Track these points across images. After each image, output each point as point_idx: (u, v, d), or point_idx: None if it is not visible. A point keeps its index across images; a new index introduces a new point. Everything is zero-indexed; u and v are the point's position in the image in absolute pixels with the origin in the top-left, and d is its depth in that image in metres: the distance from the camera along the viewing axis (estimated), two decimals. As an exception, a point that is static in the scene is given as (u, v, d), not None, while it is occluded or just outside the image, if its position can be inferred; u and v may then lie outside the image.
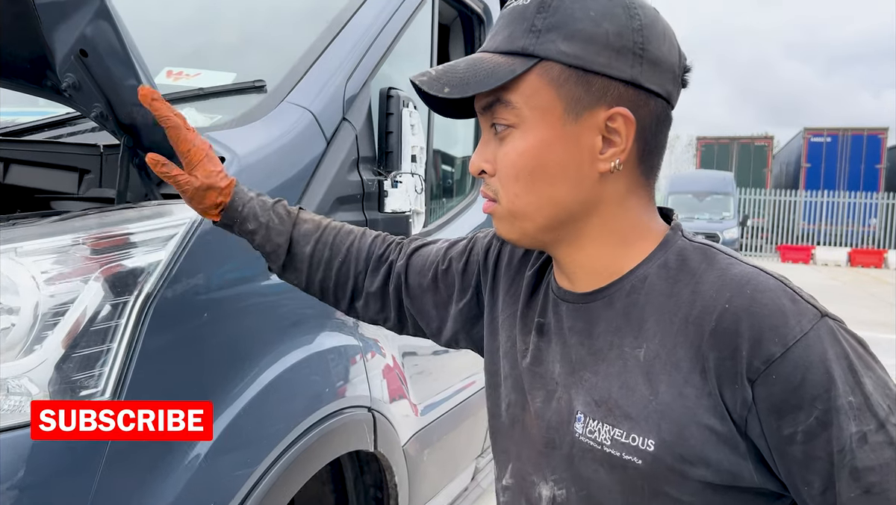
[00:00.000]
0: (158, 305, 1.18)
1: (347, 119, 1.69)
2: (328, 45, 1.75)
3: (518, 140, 0.86)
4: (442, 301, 1.15)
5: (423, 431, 2.07)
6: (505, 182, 0.88)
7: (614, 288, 0.90)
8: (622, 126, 0.85)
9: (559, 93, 0.85)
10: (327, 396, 1.53)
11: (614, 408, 0.85)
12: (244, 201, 1.19)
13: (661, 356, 0.83)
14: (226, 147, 1.39)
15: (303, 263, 1.21)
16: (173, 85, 1.69)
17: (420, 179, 1.84)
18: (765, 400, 0.77)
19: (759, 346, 0.77)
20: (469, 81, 0.85)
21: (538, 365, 0.97)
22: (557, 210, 0.88)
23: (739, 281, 0.81)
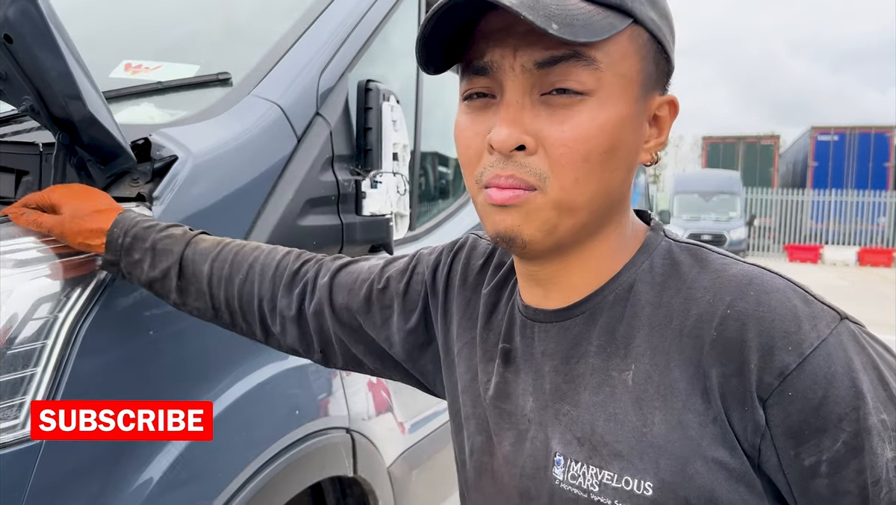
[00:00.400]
0: (93, 324, 1.04)
1: (321, 114, 1.54)
2: (302, 35, 1.61)
3: (596, 110, 0.69)
4: (376, 326, 0.99)
5: (411, 450, 1.93)
6: (567, 163, 0.69)
7: (594, 300, 0.76)
8: (668, 116, 0.77)
9: (642, 64, 0.72)
10: (297, 418, 1.39)
11: (600, 445, 0.71)
12: (127, 227, 1.06)
13: (653, 378, 0.70)
14: (179, 145, 1.25)
15: (201, 284, 1.05)
16: (131, 79, 1.55)
17: (403, 179, 1.69)
18: (781, 423, 0.64)
19: (770, 356, 0.64)
20: (573, 24, 0.66)
21: (505, 400, 0.82)
22: (606, 201, 0.73)
23: (740, 282, 0.69)
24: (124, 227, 1.07)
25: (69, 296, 1.03)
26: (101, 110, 1.08)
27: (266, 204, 1.38)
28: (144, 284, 1.07)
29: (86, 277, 1.07)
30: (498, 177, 0.70)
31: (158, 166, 1.25)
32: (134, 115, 1.45)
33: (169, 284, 1.06)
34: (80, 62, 1.06)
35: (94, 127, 1.08)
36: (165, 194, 1.19)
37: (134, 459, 1.10)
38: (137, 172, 1.25)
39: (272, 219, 1.37)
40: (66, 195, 1.11)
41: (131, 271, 1.06)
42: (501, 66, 0.70)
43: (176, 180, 1.21)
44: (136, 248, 1.05)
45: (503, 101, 0.70)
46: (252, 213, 1.34)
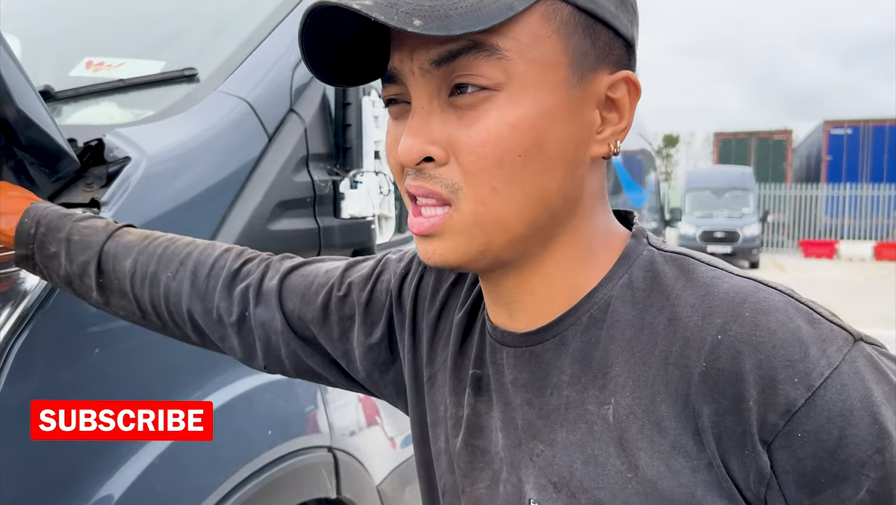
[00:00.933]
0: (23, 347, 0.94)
1: (295, 110, 1.45)
2: (275, 28, 1.52)
3: (507, 107, 0.59)
4: (333, 339, 0.86)
5: (403, 466, 1.82)
6: (478, 171, 0.59)
7: (567, 322, 0.65)
8: (626, 97, 0.63)
9: (567, 44, 0.60)
10: (269, 439, 1.29)
11: (579, 492, 0.61)
12: (39, 216, 0.95)
13: (636, 414, 0.59)
14: (133, 145, 1.16)
15: (124, 282, 0.93)
16: (93, 77, 1.46)
17: (387, 179, 1.59)
18: (790, 470, 0.54)
19: (772, 391, 0.54)
20: (450, 15, 0.55)
21: (478, 436, 0.71)
22: (541, 208, 0.62)
23: (732, 300, 0.57)
24: (36, 216, 0.96)
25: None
26: (37, 110, 0.98)
27: (233, 207, 1.28)
28: (62, 281, 0.96)
29: (15, 294, 0.97)
30: (410, 185, 0.63)
31: (114, 169, 1.15)
32: (93, 115, 1.36)
33: (88, 281, 0.94)
34: (12, 56, 0.96)
35: (30, 128, 0.99)
36: (115, 199, 1.10)
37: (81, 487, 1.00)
38: (92, 176, 1.15)
39: (238, 224, 1.27)
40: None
41: (47, 266, 0.95)
42: (403, 70, 0.61)
43: (128, 183, 1.12)
44: (50, 239, 0.94)
45: (411, 109, 0.62)
46: (215, 218, 1.24)
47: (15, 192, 1.01)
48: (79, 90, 1.39)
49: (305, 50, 0.62)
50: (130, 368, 1.09)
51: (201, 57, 1.50)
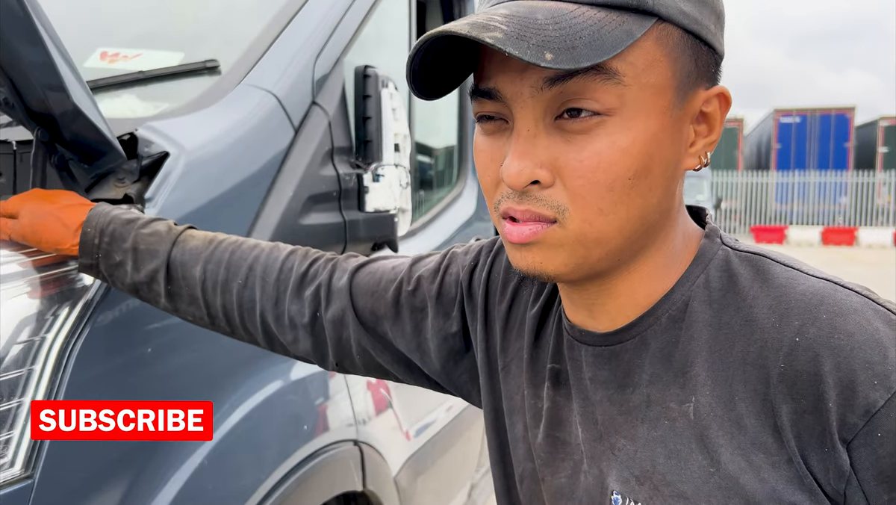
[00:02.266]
0: (85, 345, 0.92)
1: (318, 103, 1.43)
2: (292, 18, 1.49)
3: (619, 132, 0.59)
4: (406, 333, 0.87)
5: (416, 456, 1.83)
6: (587, 193, 0.60)
7: (647, 322, 0.67)
8: (718, 110, 0.65)
9: (675, 67, 0.61)
10: (304, 434, 1.28)
11: (662, 485, 0.63)
12: (102, 224, 0.94)
13: (716, 412, 0.61)
14: (170, 140, 1.13)
15: (195, 289, 0.93)
16: (108, 68, 1.42)
17: (405, 172, 1.59)
18: (870, 467, 0.56)
19: (852, 393, 0.56)
20: (575, 45, 0.56)
21: (558, 427, 0.73)
22: (641, 225, 0.63)
23: (809, 302, 0.59)
24: (99, 225, 0.94)
25: (56, 314, 0.91)
26: (86, 102, 0.95)
27: (266, 202, 1.26)
28: (128, 288, 0.95)
29: (73, 292, 0.95)
30: (513, 210, 0.63)
31: (146, 164, 1.13)
32: (114, 108, 1.33)
33: (157, 288, 0.94)
34: (62, 48, 0.93)
35: (78, 121, 0.96)
36: (158, 195, 1.07)
37: (138, 490, 0.98)
38: (123, 172, 1.13)
39: (273, 218, 1.26)
40: (21, 199, 1.00)
41: (112, 274, 0.94)
42: (508, 91, 0.61)
43: (169, 179, 1.09)
44: (115, 248, 0.93)
45: (514, 130, 0.62)
46: (252, 212, 1.23)
47: (68, 199, 0.99)
48: (98, 82, 1.35)
49: (413, 70, 0.62)
50: (178, 364, 1.08)
51: (218, 47, 1.47)
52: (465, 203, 2.34)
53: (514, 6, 0.59)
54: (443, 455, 2.06)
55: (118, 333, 0.99)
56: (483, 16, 0.57)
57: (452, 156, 2.50)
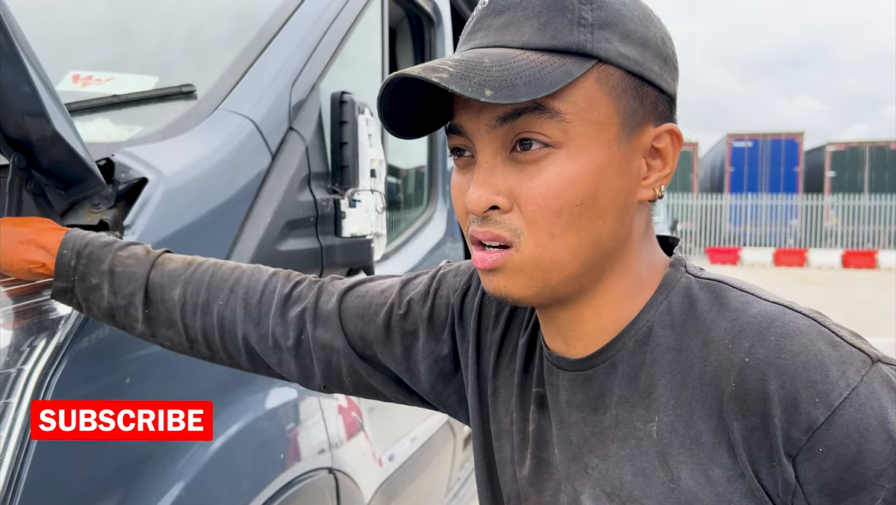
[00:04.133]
0: (63, 377, 0.90)
1: (295, 129, 1.43)
2: (268, 43, 1.49)
3: (565, 163, 0.65)
4: (396, 356, 0.89)
5: (388, 482, 1.82)
6: (539, 219, 0.66)
7: (615, 347, 0.71)
8: (669, 146, 0.71)
9: (618, 105, 0.66)
10: (280, 463, 1.27)
11: (629, 501, 0.67)
12: (78, 247, 0.92)
13: (677, 430, 0.65)
14: (147, 165, 1.12)
15: (174, 312, 0.91)
16: (81, 91, 1.40)
17: (381, 197, 1.59)
18: (813, 481, 0.60)
19: (795, 410, 0.60)
20: (515, 84, 0.62)
21: (543, 449, 0.76)
22: (595, 251, 0.68)
23: (759, 324, 0.63)
24: (76, 247, 0.92)
25: (33, 345, 0.89)
26: (66, 128, 0.94)
27: (243, 228, 1.25)
28: (104, 313, 0.93)
29: (51, 322, 0.92)
30: (477, 232, 0.69)
31: (123, 189, 1.11)
32: (87, 132, 1.29)
33: (134, 312, 0.92)
34: (42, 73, 0.92)
35: (57, 147, 0.94)
36: (137, 221, 1.06)
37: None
38: (98, 197, 1.11)
39: (251, 244, 1.25)
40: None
41: (88, 298, 0.92)
42: (469, 127, 0.68)
43: (148, 205, 1.08)
44: (92, 271, 0.91)
45: (476, 162, 0.69)
46: (229, 238, 1.22)
47: (42, 224, 0.96)
48: (70, 105, 1.33)
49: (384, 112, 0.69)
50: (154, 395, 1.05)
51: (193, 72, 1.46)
52: (435, 225, 2.35)
53: (468, 53, 0.66)
54: (414, 480, 2.05)
55: (96, 364, 0.96)
56: (438, 61, 0.65)
57: (423, 179, 2.51)
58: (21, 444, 0.84)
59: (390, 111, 0.69)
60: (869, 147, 25.55)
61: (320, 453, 1.41)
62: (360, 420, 1.68)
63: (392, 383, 0.91)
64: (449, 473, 2.48)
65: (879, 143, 25.65)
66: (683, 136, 0.72)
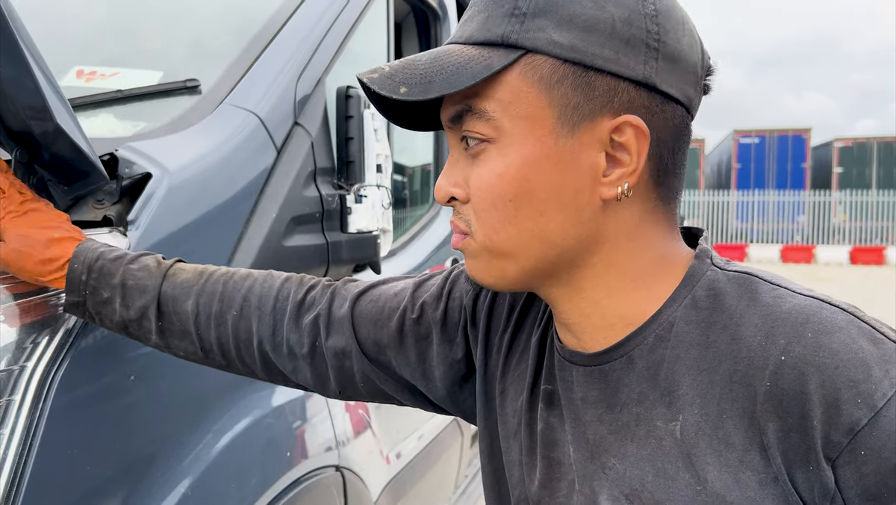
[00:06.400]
0: (66, 375, 0.88)
1: (300, 123, 1.41)
2: (273, 37, 1.48)
3: (495, 158, 0.66)
4: (410, 362, 0.87)
5: (395, 480, 1.81)
6: (481, 210, 0.67)
7: (633, 342, 0.68)
8: (632, 140, 0.64)
9: (550, 97, 0.63)
10: (287, 461, 1.26)
11: (651, 503, 0.64)
12: (90, 261, 0.90)
13: (704, 430, 0.62)
14: (151, 160, 1.11)
15: (187, 324, 0.90)
16: (85, 87, 1.39)
17: (387, 192, 1.58)
18: (854, 485, 0.57)
19: (836, 411, 0.57)
20: (433, 80, 0.64)
21: (552, 448, 0.73)
22: (545, 248, 0.67)
23: (795, 320, 0.60)
24: (87, 262, 0.91)
25: (36, 342, 0.88)
26: (69, 123, 0.93)
27: (249, 223, 1.24)
28: (117, 326, 0.92)
29: (53, 319, 0.91)
30: (453, 223, 0.72)
31: (127, 185, 1.10)
32: (92, 128, 1.29)
33: (147, 325, 0.91)
34: (44, 67, 0.90)
35: (59, 142, 0.93)
36: (141, 217, 1.05)
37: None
38: (102, 193, 1.09)
39: (256, 240, 1.24)
40: (12, 218, 0.93)
41: (100, 312, 0.91)
42: (444, 125, 0.72)
43: (152, 201, 1.07)
44: (103, 285, 0.90)
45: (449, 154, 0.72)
46: (235, 234, 1.21)
47: (58, 229, 0.94)
48: (74, 101, 1.31)
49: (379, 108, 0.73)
50: (163, 393, 1.05)
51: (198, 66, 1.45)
52: (442, 222, 2.34)
53: (419, 53, 0.69)
54: (421, 478, 2.04)
55: (100, 361, 0.95)
56: (388, 63, 0.68)
57: (429, 175, 2.50)
58: (24, 442, 0.83)
59: (380, 106, 0.72)
60: (877, 143, 25.41)
61: (327, 451, 1.40)
62: (367, 418, 1.67)
63: (405, 390, 0.90)
64: (457, 471, 2.47)
65: (887, 139, 25.51)
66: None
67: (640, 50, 0.64)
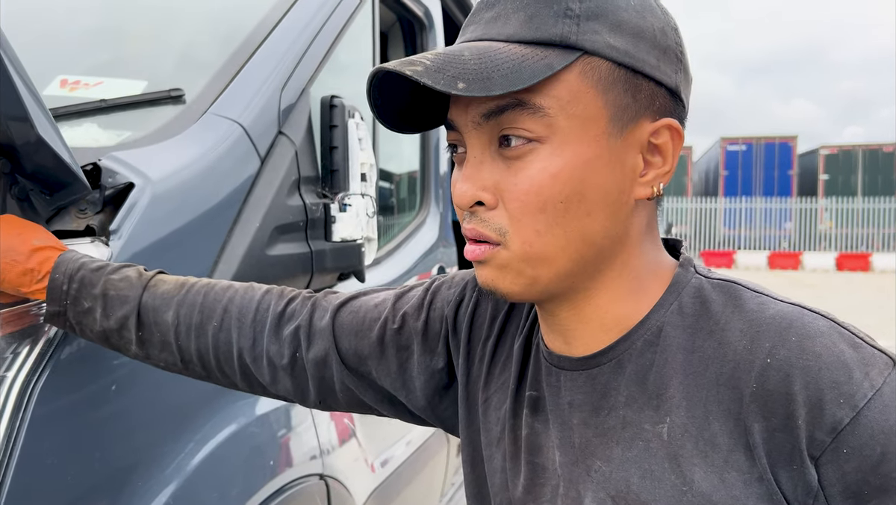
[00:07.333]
0: (47, 385, 0.88)
1: (284, 133, 1.42)
2: (258, 47, 1.48)
3: (549, 158, 0.64)
4: (391, 372, 0.87)
5: (381, 488, 1.81)
6: (522, 215, 0.65)
7: (622, 346, 0.69)
8: (669, 142, 0.68)
9: (606, 99, 0.64)
10: (271, 470, 1.25)
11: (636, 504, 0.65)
12: (71, 271, 0.90)
13: (690, 432, 0.64)
14: (134, 170, 1.11)
15: (167, 335, 0.90)
16: (69, 96, 1.39)
17: (371, 201, 1.58)
18: (836, 483, 0.59)
19: (820, 411, 0.59)
20: (491, 76, 0.61)
21: (537, 454, 0.74)
22: (586, 249, 0.67)
23: (779, 325, 0.62)
24: (68, 271, 0.91)
25: (17, 352, 0.88)
26: (50, 133, 0.93)
27: (232, 232, 1.24)
28: (97, 336, 0.92)
29: (34, 329, 0.91)
30: (464, 228, 0.69)
31: (110, 194, 1.10)
32: (75, 137, 1.29)
33: (127, 335, 0.91)
34: (25, 77, 0.91)
35: (41, 152, 0.93)
36: (124, 227, 1.05)
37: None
38: (85, 202, 1.10)
39: (239, 249, 1.24)
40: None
41: (81, 322, 0.91)
42: (459, 122, 0.68)
43: (135, 210, 1.07)
44: (84, 295, 0.90)
45: (466, 157, 0.69)
46: (218, 243, 1.21)
47: (39, 238, 0.94)
48: (58, 110, 1.32)
49: (376, 105, 0.70)
50: (146, 402, 1.05)
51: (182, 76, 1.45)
52: (428, 230, 2.35)
53: (451, 47, 0.66)
54: (407, 486, 2.04)
55: (81, 371, 0.95)
56: (420, 55, 0.64)
57: (415, 183, 2.51)
58: (4, 451, 0.83)
59: (382, 104, 0.70)
60: (862, 150, 25.65)
61: (311, 459, 1.40)
62: (351, 426, 1.67)
63: (385, 401, 0.90)
64: (443, 479, 2.47)
65: (872, 147, 25.76)
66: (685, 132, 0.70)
67: (673, 59, 0.67)
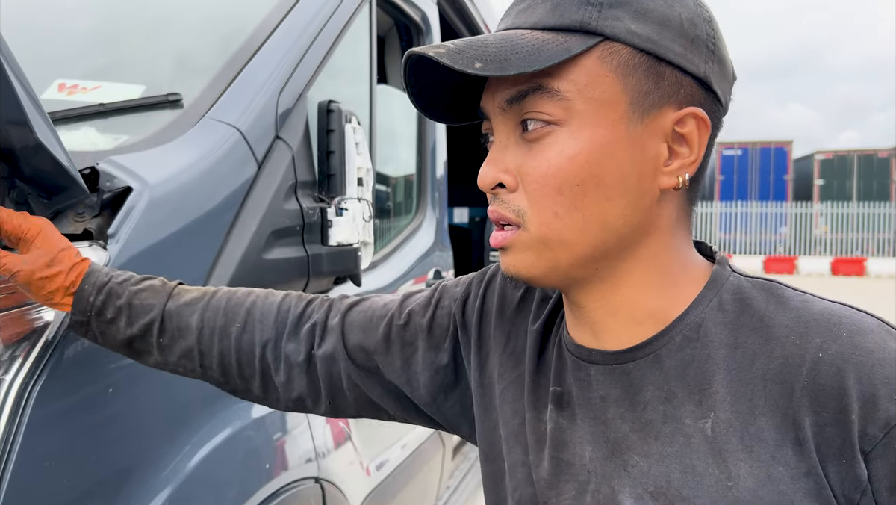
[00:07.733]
0: (44, 389, 0.89)
1: (281, 137, 1.43)
2: (255, 52, 1.49)
3: (567, 141, 0.65)
4: (396, 367, 0.89)
5: (376, 491, 1.81)
6: (540, 197, 0.66)
7: (661, 341, 0.69)
8: (694, 131, 0.68)
9: (626, 84, 0.65)
10: (266, 473, 1.26)
11: (677, 500, 0.65)
12: (99, 284, 0.92)
13: (735, 427, 0.64)
14: (131, 174, 1.12)
15: (189, 339, 0.92)
16: (67, 100, 1.40)
17: (368, 205, 1.59)
18: (884, 478, 0.59)
19: (873, 406, 0.60)
20: (508, 58, 0.63)
21: (562, 449, 0.74)
22: (606, 235, 0.67)
23: (828, 321, 0.63)
24: (98, 283, 0.92)
25: (14, 355, 0.88)
26: (49, 137, 0.93)
27: (229, 237, 1.25)
28: (120, 344, 0.93)
29: (32, 332, 0.92)
30: (489, 210, 0.71)
31: (107, 198, 1.11)
32: (73, 141, 1.30)
33: (150, 340, 0.92)
34: (24, 81, 0.91)
35: (40, 157, 0.94)
36: (121, 231, 1.05)
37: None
38: (83, 206, 1.10)
39: (236, 253, 1.25)
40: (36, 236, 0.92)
41: (104, 331, 0.92)
42: (488, 109, 0.71)
43: (132, 214, 1.07)
44: (109, 305, 0.91)
45: (493, 142, 0.71)
46: (214, 247, 1.21)
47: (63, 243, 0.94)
48: (55, 114, 1.32)
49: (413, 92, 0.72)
50: (142, 406, 1.05)
51: (180, 80, 1.46)
52: (424, 234, 2.35)
53: (480, 35, 0.68)
54: (402, 489, 2.04)
55: (78, 374, 0.96)
56: (446, 42, 0.67)
57: (412, 187, 2.51)
58: (1, 455, 0.83)
59: (418, 92, 0.72)
60: (857, 155, 25.75)
61: (307, 463, 1.40)
62: (347, 429, 1.68)
63: (392, 397, 0.92)
64: (438, 482, 2.47)
65: (867, 152, 25.85)
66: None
67: (702, 49, 0.67)
